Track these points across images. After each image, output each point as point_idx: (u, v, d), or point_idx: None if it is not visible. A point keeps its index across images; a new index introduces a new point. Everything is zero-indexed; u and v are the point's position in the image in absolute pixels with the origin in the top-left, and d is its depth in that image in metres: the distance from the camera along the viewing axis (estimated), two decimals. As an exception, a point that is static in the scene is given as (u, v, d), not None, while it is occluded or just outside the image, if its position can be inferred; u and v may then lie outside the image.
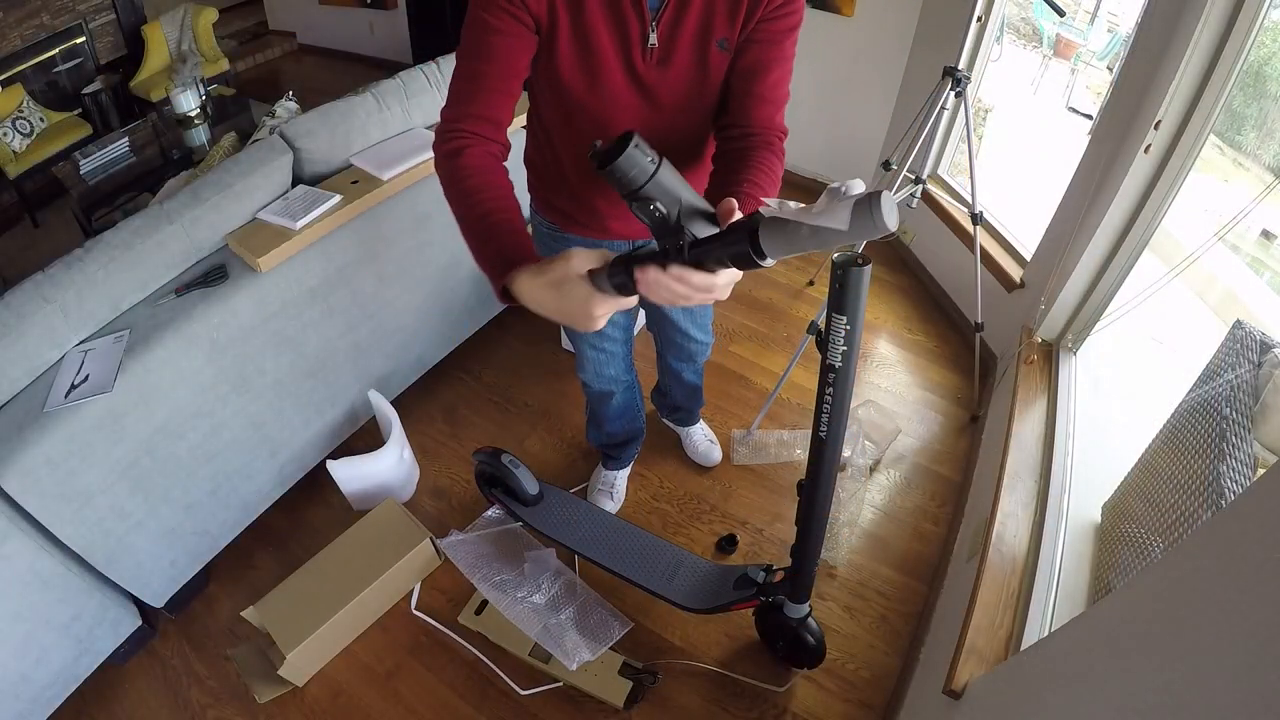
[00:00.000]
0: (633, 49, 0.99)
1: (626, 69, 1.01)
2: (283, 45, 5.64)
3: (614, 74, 1.01)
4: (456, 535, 1.86)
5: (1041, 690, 0.91)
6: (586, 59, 0.99)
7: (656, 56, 1.00)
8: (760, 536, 1.93)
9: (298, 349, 1.81)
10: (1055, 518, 1.41)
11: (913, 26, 2.73)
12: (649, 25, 0.97)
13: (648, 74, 1.02)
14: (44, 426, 1.36)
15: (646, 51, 0.99)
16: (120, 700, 1.66)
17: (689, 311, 1.56)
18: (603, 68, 1.00)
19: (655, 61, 1.01)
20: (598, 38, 0.97)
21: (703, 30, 0.98)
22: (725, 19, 0.97)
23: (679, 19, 0.97)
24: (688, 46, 1.00)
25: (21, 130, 3.94)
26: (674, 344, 1.68)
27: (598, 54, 0.99)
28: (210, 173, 1.70)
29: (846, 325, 1.02)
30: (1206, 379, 1.17)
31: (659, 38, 0.98)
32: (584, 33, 0.97)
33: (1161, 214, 1.60)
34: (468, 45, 0.96)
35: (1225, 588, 0.61)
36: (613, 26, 0.97)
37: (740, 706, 1.59)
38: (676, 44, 0.99)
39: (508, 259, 0.81)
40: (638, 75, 1.02)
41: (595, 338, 1.52)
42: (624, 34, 0.98)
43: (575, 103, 1.05)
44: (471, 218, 0.88)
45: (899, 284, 2.84)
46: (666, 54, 1.00)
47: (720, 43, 1.00)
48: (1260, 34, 1.38)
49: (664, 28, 0.98)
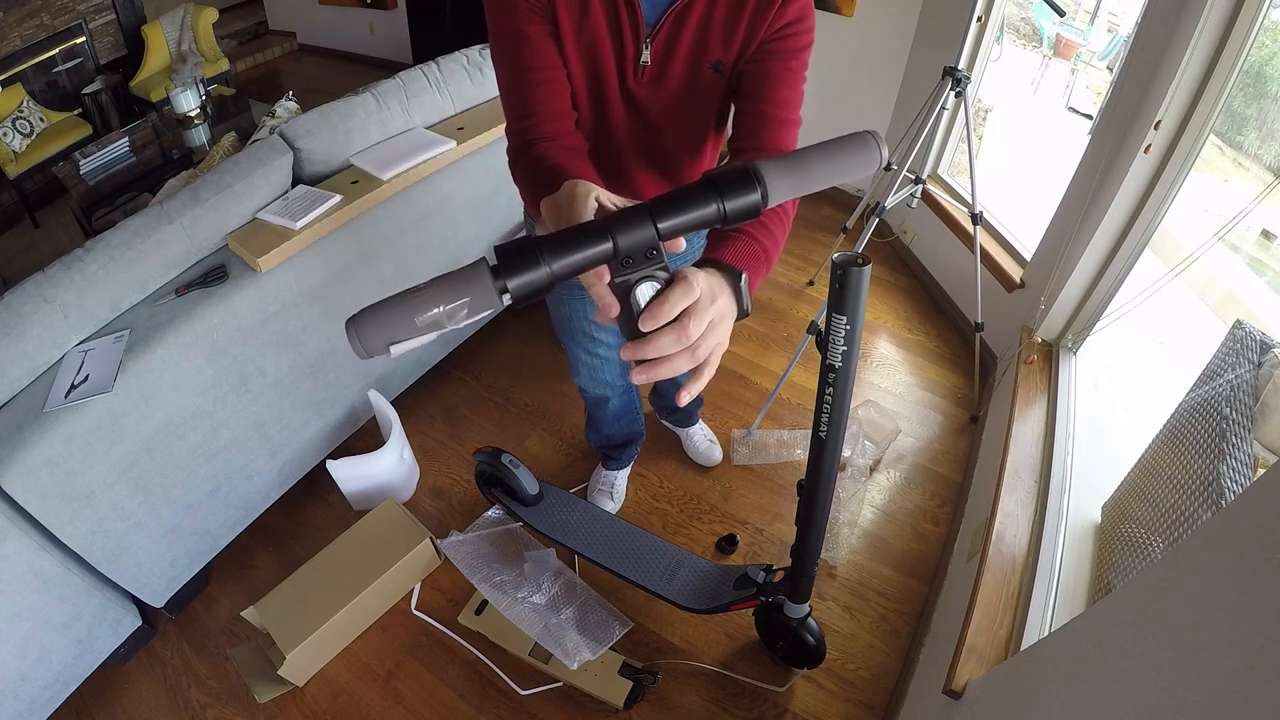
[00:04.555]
0: (626, 65, 0.98)
1: (620, 84, 1.01)
2: (283, 45, 5.64)
3: (610, 87, 1.01)
4: (456, 536, 1.86)
5: (1041, 690, 0.91)
6: (591, 67, 0.99)
7: (649, 74, 0.99)
8: (760, 536, 1.93)
9: (298, 349, 1.81)
10: (1055, 518, 1.41)
11: (913, 26, 2.73)
12: (643, 42, 0.96)
13: (639, 91, 1.01)
14: (44, 426, 1.36)
15: (639, 69, 0.98)
16: (120, 700, 1.66)
17: None
18: (602, 79, 1.00)
19: (647, 80, 1.00)
20: (600, 46, 0.97)
21: (697, 51, 0.97)
22: (720, 42, 0.95)
23: (674, 39, 0.95)
24: (680, 67, 0.98)
25: (21, 130, 3.94)
26: None
27: (600, 64, 0.98)
28: (210, 173, 1.70)
29: (846, 325, 1.02)
30: (1206, 379, 1.17)
31: (652, 56, 0.97)
32: (588, 36, 0.96)
33: (1161, 214, 1.60)
34: (508, 55, 0.94)
35: (1225, 588, 0.61)
36: (612, 36, 0.96)
37: (740, 706, 1.59)
38: (670, 63, 0.98)
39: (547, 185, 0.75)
40: (629, 91, 1.01)
41: (589, 343, 1.50)
42: (620, 48, 0.97)
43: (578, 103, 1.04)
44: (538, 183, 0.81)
45: (899, 284, 2.84)
46: (659, 73, 0.99)
47: (714, 65, 0.98)
48: (1260, 34, 1.38)
49: (658, 46, 0.96)
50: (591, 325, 1.45)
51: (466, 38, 2.43)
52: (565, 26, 0.94)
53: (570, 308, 1.43)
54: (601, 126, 1.06)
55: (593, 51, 0.96)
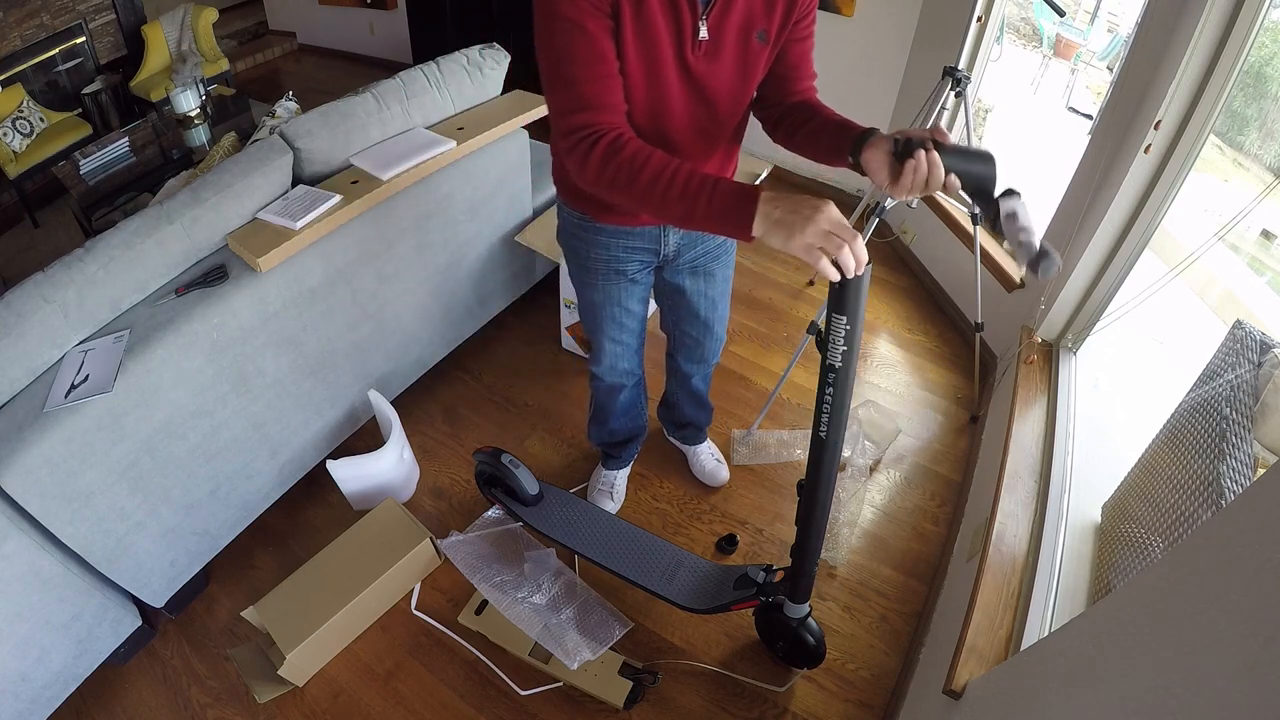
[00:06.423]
0: (685, 42, 1.03)
1: (679, 61, 1.05)
2: (283, 45, 5.64)
3: (668, 65, 1.05)
4: (456, 536, 1.86)
5: (1041, 690, 0.91)
6: (647, 50, 1.03)
7: (705, 49, 1.05)
8: (760, 536, 1.93)
9: (298, 349, 1.81)
10: (1055, 518, 1.41)
11: (913, 26, 2.73)
12: (700, 18, 1.02)
13: (697, 65, 1.06)
14: (44, 426, 1.36)
15: (697, 44, 1.04)
16: (120, 700, 1.66)
17: (712, 302, 1.55)
18: (659, 59, 1.04)
19: (704, 54, 1.05)
20: (656, 30, 1.01)
21: (746, 21, 1.05)
22: (763, 11, 1.05)
23: (726, 11, 1.03)
24: (733, 39, 1.06)
25: (21, 130, 3.94)
26: (689, 339, 1.65)
27: (656, 46, 1.03)
28: (210, 173, 1.70)
29: (846, 325, 1.02)
30: (1206, 379, 1.17)
31: (709, 29, 1.03)
32: (645, 25, 1.00)
33: (1161, 214, 1.60)
34: (564, 48, 0.98)
35: (1225, 588, 0.61)
36: (669, 19, 1.01)
37: (740, 706, 1.59)
38: (724, 35, 1.05)
39: (745, 191, 0.89)
40: (688, 67, 1.06)
41: (615, 330, 1.53)
42: (678, 27, 1.02)
43: (633, 93, 1.07)
44: (677, 183, 0.93)
45: (899, 284, 2.84)
46: (715, 46, 1.05)
47: (759, 34, 1.06)
48: (1260, 34, 1.38)
49: (713, 19, 1.02)
50: (622, 311, 1.49)
51: (466, 38, 2.43)
52: (625, 14, 0.98)
53: (604, 293, 1.46)
54: (658, 109, 1.10)
55: (650, 35, 1.01)
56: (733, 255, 1.52)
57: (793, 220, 0.84)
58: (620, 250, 1.38)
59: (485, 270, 2.33)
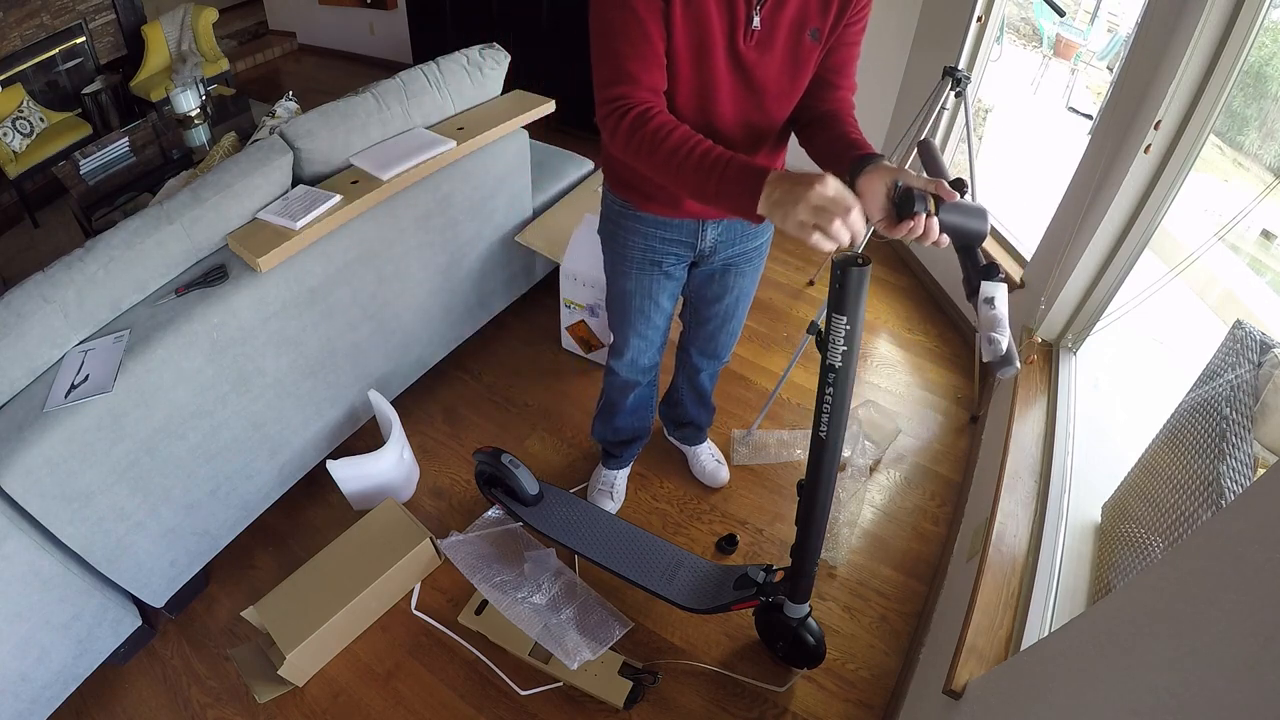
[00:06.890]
0: (737, 29, 1.05)
1: (729, 48, 1.07)
2: (283, 45, 5.64)
3: (717, 52, 1.07)
4: (456, 536, 1.86)
5: (1041, 690, 0.91)
6: (697, 35, 1.04)
7: (757, 38, 1.06)
8: (760, 536, 1.93)
9: (298, 349, 1.81)
10: (1055, 518, 1.41)
11: (913, 26, 2.73)
12: (754, 7, 1.03)
13: (748, 54, 1.07)
14: (44, 426, 1.36)
15: (749, 33, 1.05)
16: (120, 700, 1.66)
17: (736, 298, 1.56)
18: (709, 45, 1.05)
19: (755, 43, 1.06)
20: (708, 15, 1.03)
21: (800, 18, 1.06)
22: (818, 10, 1.06)
23: (780, 5, 1.04)
24: (786, 32, 1.07)
25: (21, 130, 3.94)
26: (706, 330, 1.64)
27: (707, 31, 1.04)
28: (210, 173, 1.70)
29: (846, 325, 1.02)
30: (1206, 379, 1.17)
31: (762, 20, 1.04)
32: (696, 9, 1.02)
33: (1161, 214, 1.60)
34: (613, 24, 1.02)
35: (1225, 588, 0.61)
36: (722, 5, 1.02)
37: (740, 706, 1.59)
38: (776, 28, 1.06)
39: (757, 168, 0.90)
40: (739, 55, 1.07)
41: (642, 323, 1.54)
42: (731, 14, 1.03)
43: (679, 79, 1.09)
44: (695, 155, 0.95)
45: (899, 284, 2.84)
46: (767, 37, 1.06)
47: (812, 32, 1.08)
48: (1260, 34, 1.38)
49: (767, 11, 1.04)
50: (652, 304, 1.49)
51: (466, 38, 2.43)
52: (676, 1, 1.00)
53: (637, 283, 1.46)
54: (705, 95, 1.12)
55: (701, 19, 1.03)
56: (764, 258, 1.52)
57: (786, 199, 0.84)
58: (657, 241, 1.38)
59: (485, 270, 2.33)
